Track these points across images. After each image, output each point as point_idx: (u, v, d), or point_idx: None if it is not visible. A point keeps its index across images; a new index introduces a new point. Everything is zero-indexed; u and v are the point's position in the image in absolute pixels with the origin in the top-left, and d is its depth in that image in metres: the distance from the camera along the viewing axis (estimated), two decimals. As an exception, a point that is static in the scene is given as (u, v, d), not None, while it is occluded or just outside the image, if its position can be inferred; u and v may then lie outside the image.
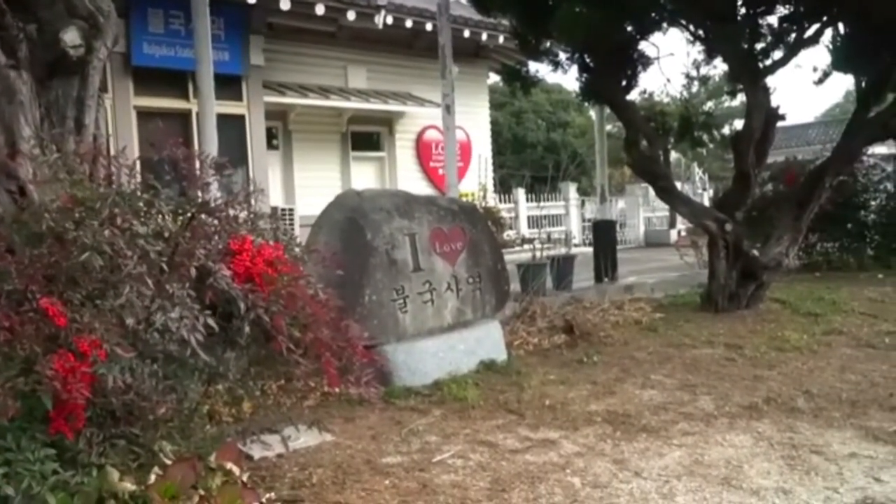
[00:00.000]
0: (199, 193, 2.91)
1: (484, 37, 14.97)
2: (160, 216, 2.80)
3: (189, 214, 2.80)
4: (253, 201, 3.11)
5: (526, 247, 11.98)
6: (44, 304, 2.25)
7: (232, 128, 11.30)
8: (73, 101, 3.85)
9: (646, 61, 8.16)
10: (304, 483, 3.50)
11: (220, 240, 2.76)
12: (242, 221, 2.90)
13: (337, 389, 4.17)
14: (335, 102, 13.75)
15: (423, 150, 15.86)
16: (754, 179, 7.77)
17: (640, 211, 20.02)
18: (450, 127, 8.59)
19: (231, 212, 2.86)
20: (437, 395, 4.99)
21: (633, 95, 8.71)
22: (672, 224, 19.38)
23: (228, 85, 11.22)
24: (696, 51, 8.74)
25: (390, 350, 5.23)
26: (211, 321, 2.43)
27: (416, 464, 3.77)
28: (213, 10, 6.98)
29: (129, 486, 2.31)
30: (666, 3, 7.58)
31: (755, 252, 7.56)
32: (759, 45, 7.49)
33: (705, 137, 8.71)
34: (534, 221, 18.08)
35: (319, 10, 12.16)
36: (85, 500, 2.26)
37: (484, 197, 15.40)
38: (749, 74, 7.41)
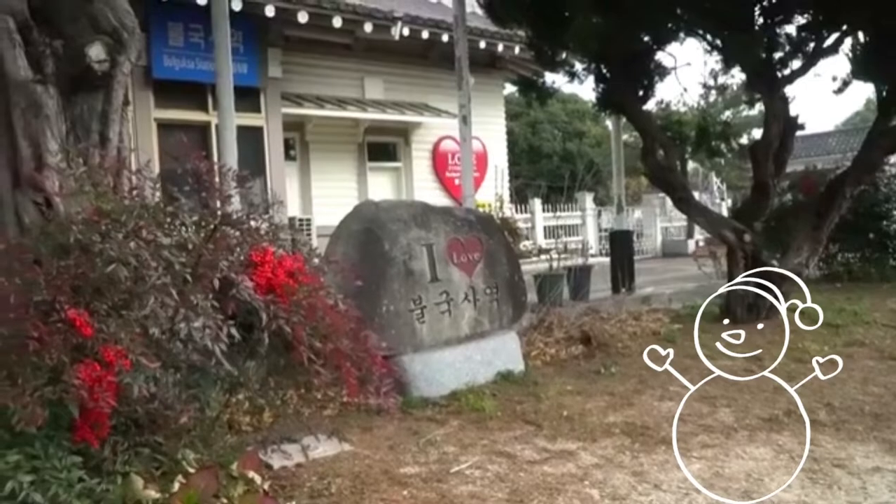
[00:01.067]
0: (221, 205, 2.96)
1: (500, 48, 15.01)
2: (183, 228, 2.85)
3: (212, 226, 2.84)
4: (273, 212, 3.15)
5: (542, 257, 11.97)
6: (71, 314, 2.30)
7: (250, 139, 11.41)
8: (98, 114, 3.92)
9: (662, 71, 8.16)
10: (322, 493, 3.52)
11: (242, 251, 2.79)
12: (264, 233, 2.93)
13: (356, 399, 4.20)
14: (352, 113, 13.84)
15: (439, 161, 15.90)
16: (773, 189, 7.73)
17: (658, 221, 19.92)
18: (466, 137, 8.63)
19: (252, 223, 2.89)
20: (454, 405, 5.00)
21: (650, 105, 8.71)
22: (690, 234, 19.27)
23: (247, 97, 11.33)
24: (714, 60, 8.71)
25: (407, 360, 5.25)
26: (234, 331, 2.46)
27: (433, 474, 3.77)
28: (231, 24, 7.07)
29: (153, 493, 2.34)
30: (682, 13, 7.57)
31: (774, 262, 7.51)
32: (777, 55, 7.46)
33: (723, 147, 8.68)
34: (550, 231, 18.05)
35: (337, 22, 12.27)
36: (109, 507, 2.29)
37: (500, 207, 15.40)
38: (767, 84, 7.39)
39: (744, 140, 11.89)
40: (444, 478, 3.72)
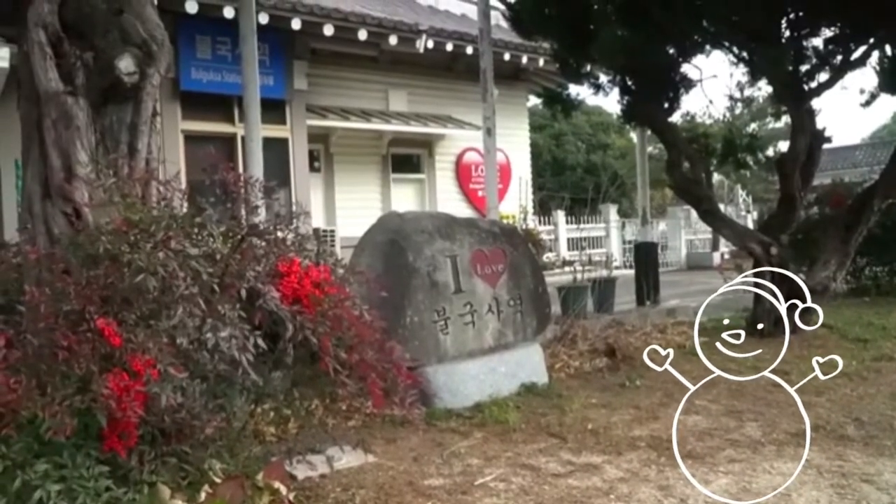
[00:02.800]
0: (247, 216, 2.99)
1: (524, 60, 15.02)
2: (210, 238, 2.87)
3: (239, 237, 2.86)
4: (299, 223, 3.17)
5: (566, 269, 11.91)
6: (100, 324, 2.32)
7: (275, 151, 11.49)
8: (127, 126, 3.98)
9: (688, 83, 8.11)
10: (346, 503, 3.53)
11: (269, 262, 2.81)
12: (290, 244, 2.95)
13: (381, 410, 4.20)
14: (376, 125, 13.91)
15: (462, 173, 15.92)
16: (800, 202, 7.64)
17: (682, 233, 19.75)
18: (490, 149, 8.63)
19: (279, 234, 2.91)
20: (478, 417, 4.99)
21: (675, 117, 8.67)
22: (715, 247, 19.08)
23: (273, 109, 11.43)
24: (740, 73, 8.64)
25: (431, 372, 5.24)
26: (261, 341, 2.47)
27: (458, 486, 3.76)
28: (258, 37, 7.14)
29: (180, 503, 2.35)
30: (708, 26, 7.53)
31: (801, 276, 7.41)
32: (804, 68, 7.39)
33: (749, 159, 8.60)
34: (573, 244, 17.97)
35: (362, 35, 12.35)
36: (136, 516, 2.31)
37: (524, 219, 15.36)
38: (794, 97, 7.32)
39: (770, 152, 11.75)
40: (469, 490, 3.71)
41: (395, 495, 3.64)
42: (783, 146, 15.35)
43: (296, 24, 11.58)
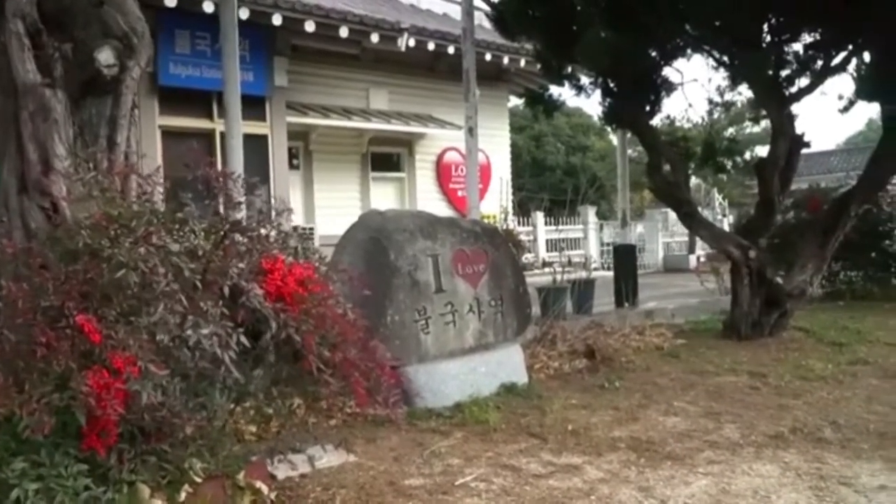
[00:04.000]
0: (227, 211, 2.95)
1: (505, 60, 15.06)
2: (192, 234, 2.83)
3: (221, 233, 2.82)
4: (283, 220, 3.13)
5: (545, 270, 11.94)
6: (80, 320, 2.27)
7: (255, 147, 11.40)
8: (107, 119, 3.91)
9: (669, 87, 8.17)
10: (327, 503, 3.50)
11: (252, 259, 2.77)
12: (273, 241, 2.92)
13: (364, 410, 4.17)
14: (357, 123, 13.87)
15: (442, 172, 15.92)
16: (778, 206, 7.72)
17: (659, 236, 19.91)
18: (472, 149, 8.63)
19: (262, 231, 2.88)
20: (458, 417, 4.97)
21: (656, 120, 8.71)
22: (691, 249, 19.26)
23: (253, 105, 11.33)
24: (721, 77, 8.71)
25: (412, 371, 5.22)
26: (244, 339, 2.44)
27: (438, 486, 3.74)
28: (239, 32, 7.07)
29: (160, 503, 2.31)
30: (691, 29, 7.59)
31: (779, 279, 7.50)
32: (785, 72, 7.47)
33: (728, 163, 8.68)
34: (552, 245, 18.05)
35: (343, 32, 12.30)
36: (115, 516, 2.26)
37: (506, 219, 15.40)
38: (774, 101, 7.39)
39: (747, 157, 11.88)
40: (450, 490, 3.69)
41: (375, 495, 3.62)
42: (760, 150, 15.56)
43: (276, 20, 11.50)
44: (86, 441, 2.30)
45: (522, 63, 15.04)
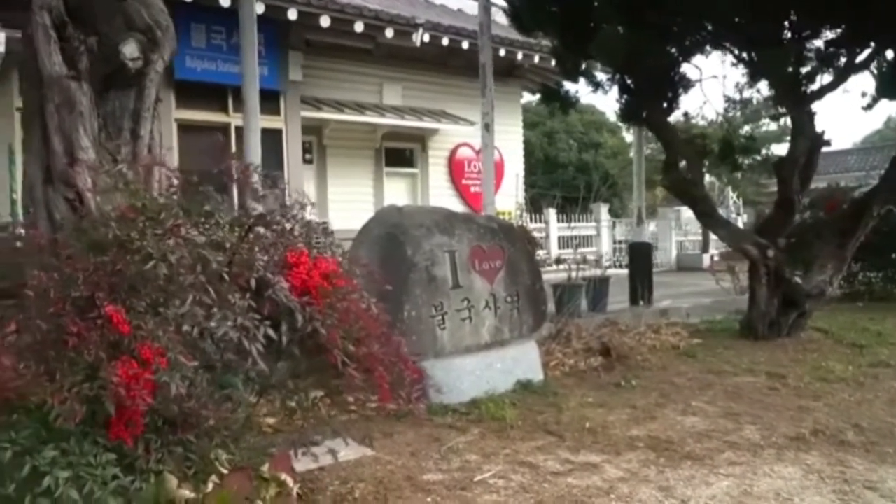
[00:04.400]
0: (252, 205, 2.95)
1: (519, 56, 14.99)
2: (217, 227, 2.83)
3: (246, 226, 2.82)
4: (307, 214, 3.13)
5: (557, 267, 11.89)
6: (109, 311, 2.28)
7: (269, 141, 11.39)
8: (130, 112, 3.93)
9: (687, 83, 8.10)
10: (346, 497, 3.49)
11: (277, 252, 2.77)
12: (297, 234, 2.92)
13: (388, 405, 4.17)
14: (370, 118, 13.85)
15: (455, 168, 15.89)
16: (798, 205, 7.66)
17: (673, 234, 19.82)
18: (488, 145, 8.61)
19: (287, 225, 2.88)
20: (474, 413, 4.97)
21: (673, 117, 8.66)
22: (705, 248, 19.16)
23: (267, 100, 11.27)
24: (739, 73, 8.63)
25: (428, 366, 5.18)
26: (271, 332, 2.44)
27: (457, 482, 3.74)
28: (255, 27, 7.06)
29: (187, 493, 2.31)
30: (710, 26, 7.53)
31: (798, 279, 7.43)
32: (805, 69, 7.40)
33: (746, 162, 8.61)
34: (564, 242, 17.99)
35: (358, 27, 12.28)
36: (142, 506, 2.27)
37: (521, 216, 15.36)
38: (794, 99, 7.33)
39: (762, 155, 11.78)
40: (468, 486, 3.69)
41: (394, 490, 3.62)
42: (776, 149, 15.45)
43: (292, 15, 11.49)
44: (113, 430, 2.31)
45: (536, 59, 14.98)
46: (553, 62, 12.35)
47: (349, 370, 2.66)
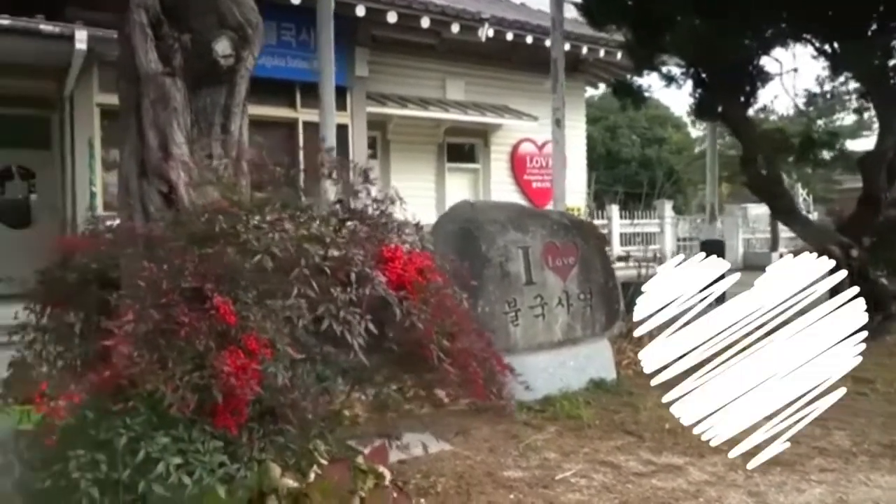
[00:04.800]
0: (349, 200, 2.98)
1: (584, 50, 14.79)
2: (314, 221, 2.87)
3: (342, 221, 2.85)
4: (397, 209, 3.15)
5: (622, 264, 11.72)
6: (218, 302, 2.33)
7: (336, 137, 11.54)
8: (221, 108, 3.99)
9: (766, 77, 7.88)
10: (429, 491, 3.52)
11: (372, 246, 2.80)
12: (391, 229, 2.94)
13: (455, 399, 4.17)
14: (434, 113, 13.87)
15: (517, 163, 15.80)
16: (884, 203, 7.37)
17: (740, 232, 19.32)
18: (559, 140, 8.54)
19: (382, 220, 2.90)
20: (549, 410, 4.95)
21: (750, 112, 8.42)
22: (774, 246, 18.62)
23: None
24: (821, 66, 8.35)
25: (502, 363, 5.20)
26: (371, 326, 2.46)
27: (538, 480, 3.72)
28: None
29: (290, 482, 2.35)
30: (789, 18, 7.30)
31: (884, 280, 7.15)
32: (894, 62, 7.10)
33: (827, 156, 8.33)
34: (626, 238, 17.73)
35: (425, 22, 12.30)
36: (248, 493, 2.32)
37: (590, 213, 15.18)
38: (882, 93, 7.05)
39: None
40: (550, 484, 3.67)
41: (475, 485, 3.63)
42: (851, 144, 14.87)
43: (360, 11, 11.57)
44: (219, 419, 2.36)
45: (602, 53, 14.76)
46: (619, 56, 12.17)
47: (444, 365, 2.67)
